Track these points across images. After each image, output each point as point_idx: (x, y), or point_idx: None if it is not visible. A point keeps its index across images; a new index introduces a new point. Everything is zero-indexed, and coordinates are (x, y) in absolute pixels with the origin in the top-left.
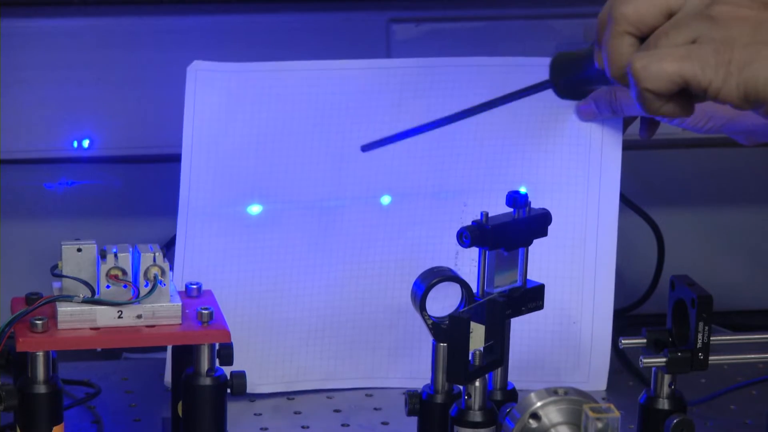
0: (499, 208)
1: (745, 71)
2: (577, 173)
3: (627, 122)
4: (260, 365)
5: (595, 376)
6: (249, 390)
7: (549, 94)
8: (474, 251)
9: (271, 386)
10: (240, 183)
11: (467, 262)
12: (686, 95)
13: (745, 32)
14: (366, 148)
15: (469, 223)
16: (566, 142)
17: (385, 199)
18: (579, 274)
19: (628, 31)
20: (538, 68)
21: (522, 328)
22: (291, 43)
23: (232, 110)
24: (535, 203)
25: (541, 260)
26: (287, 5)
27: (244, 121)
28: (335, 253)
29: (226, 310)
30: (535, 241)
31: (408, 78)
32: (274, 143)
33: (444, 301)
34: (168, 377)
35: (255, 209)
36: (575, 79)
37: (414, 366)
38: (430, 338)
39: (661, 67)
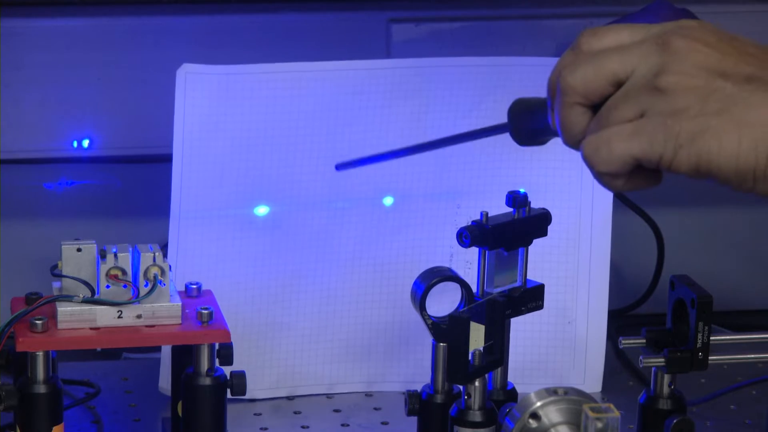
0: (492, 209)
1: (694, 143)
2: (570, 173)
3: None
4: (256, 370)
5: (590, 377)
6: (245, 396)
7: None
8: (469, 254)
9: (268, 391)
10: (232, 186)
11: (462, 264)
12: (646, 169)
13: (694, 103)
14: (340, 167)
15: (463, 225)
16: (559, 142)
17: (388, 200)
18: (573, 273)
19: (577, 102)
20: (530, 68)
21: (516, 328)
22: (291, 43)
23: (222, 113)
24: None
25: (536, 259)
26: (287, 5)
27: (234, 123)
28: (330, 256)
29: None
30: None
31: (398, 79)
32: (264, 145)
33: (443, 300)
34: (162, 383)
35: (247, 212)
36: (533, 128)
37: (411, 370)
38: (427, 341)
39: (610, 149)
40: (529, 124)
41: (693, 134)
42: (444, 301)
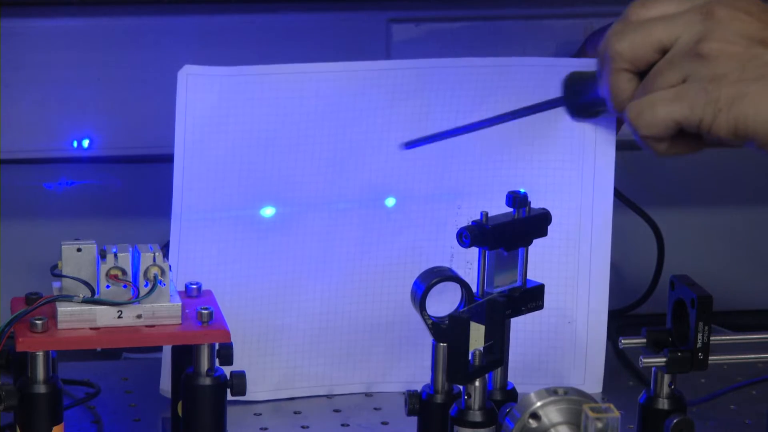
0: (493, 209)
1: (733, 108)
2: (570, 173)
3: (620, 122)
4: (257, 372)
5: (591, 377)
6: (246, 397)
7: (542, 94)
8: (469, 254)
9: (269, 393)
10: (233, 187)
11: (462, 265)
12: (688, 134)
13: (734, 69)
14: (408, 146)
15: (464, 225)
16: (559, 142)
17: (390, 201)
18: (573, 274)
19: (625, 68)
20: (530, 68)
21: (516, 328)
22: (291, 44)
23: (224, 114)
24: None
25: (536, 260)
26: (287, 5)
27: (235, 124)
28: (331, 257)
29: None
30: None
31: (401, 80)
32: (266, 146)
33: (443, 300)
34: (163, 385)
35: (248, 213)
36: (586, 100)
37: (411, 370)
38: (427, 341)
39: (653, 113)
40: (582, 96)
41: (732, 99)
42: (444, 301)
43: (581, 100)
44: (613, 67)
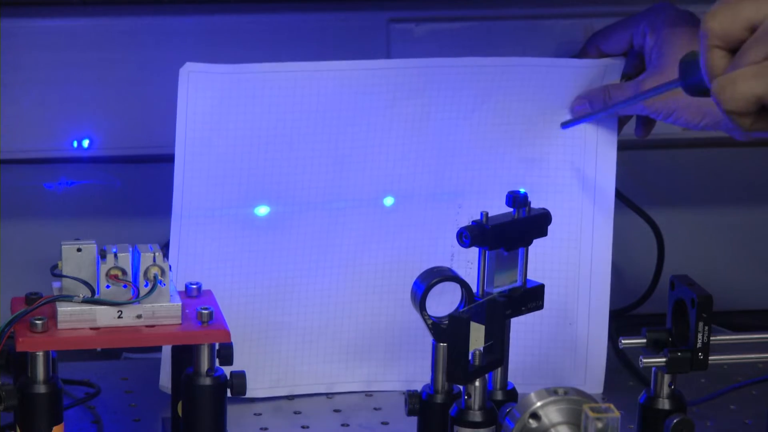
0: (493, 209)
1: None
2: (572, 173)
3: (622, 122)
4: (256, 370)
5: (591, 378)
6: (245, 395)
7: (543, 94)
8: (470, 254)
9: (268, 390)
10: (234, 185)
11: (463, 264)
12: None
13: None
14: (565, 125)
15: (464, 225)
16: (561, 142)
17: (389, 200)
18: (574, 274)
19: (716, 45)
20: (531, 68)
21: (516, 328)
22: (291, 43)
23: (225, 112)
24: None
25: (537, 260)
26: (287, 5)
27: (237, 123)
28: (330, 256)
29: None
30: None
31: (402, 79)
32: (267, 145)
33: (443, 300)
34: (163, 381)
35: (248, 212)
36: (697, 79)
37: (411, 370)
38: (427, 341)
39: (735, 88)
40: (693, 75)
41: None
42: (444, 301)
43: (692, 78)
44: (706, 44)
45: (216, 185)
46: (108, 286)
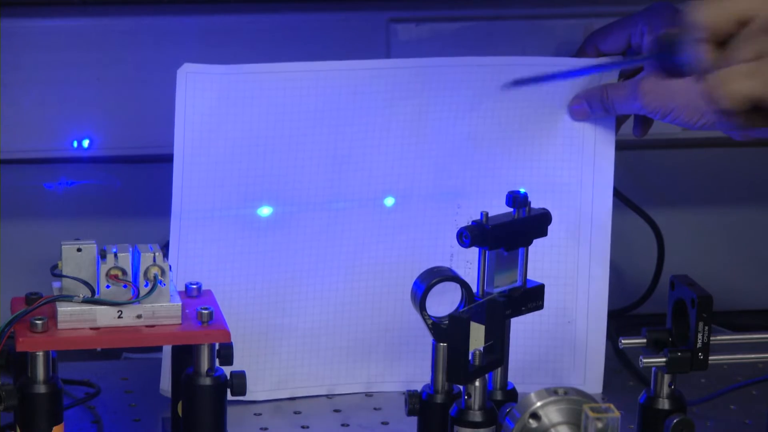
0: (492, 209)
1: None
2: (570, 173)
3: (620, 121)
4: (257, 371)
5: (591, 377)
6: (246, 397)
7: (541, 94)
8: (470, 254)
9: (269, 393)
10: (233, 186)
11: (462, 264)
12: (763, 108)
13: None
14: (514, 84)
15: (463, 225)
16: (559, 142)
17: (389, 201)
18: (573, 274)
19: (704, 38)
20: (530, 68)
21: (516, 328)
22: (291, 43)
23: (223, 113)
24: None
25: (535, 260)
26: (287, 5)
27: (235, 123)
28: (330, 257)
29: None
30: None
31: (400, 78)
32: (266, 145)
33: (443, 300)
34: (163, 385)
35: (248, 212)
36: (673, 61)
37: (411, 370)
38: (427, 341)
39: (727, 88)
40: (671, 55)
41: None
42: (444, 301)
43: (669, 60)
44: (693, 37)
45: (215, 186)
46: (108, 286)
